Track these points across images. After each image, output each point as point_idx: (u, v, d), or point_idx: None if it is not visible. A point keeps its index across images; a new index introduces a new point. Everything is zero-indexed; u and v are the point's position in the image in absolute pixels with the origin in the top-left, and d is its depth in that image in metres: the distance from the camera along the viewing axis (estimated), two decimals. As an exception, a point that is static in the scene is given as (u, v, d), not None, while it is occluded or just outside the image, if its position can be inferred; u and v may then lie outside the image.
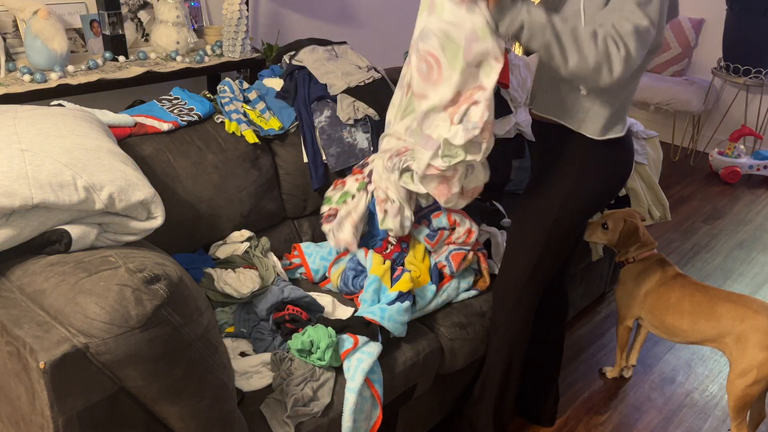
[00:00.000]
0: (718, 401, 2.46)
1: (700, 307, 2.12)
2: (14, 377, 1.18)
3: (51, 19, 2.29)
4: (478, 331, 2.00)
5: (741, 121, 4.66)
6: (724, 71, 4.33)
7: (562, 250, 1.85)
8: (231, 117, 2.10)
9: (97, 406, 1.17)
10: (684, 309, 2.15)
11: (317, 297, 1.93)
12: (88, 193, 1.31)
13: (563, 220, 1.77)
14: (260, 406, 1.58)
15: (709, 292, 2.14)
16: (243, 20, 2.72)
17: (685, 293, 2.16)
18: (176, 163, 1.93)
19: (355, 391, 1.63)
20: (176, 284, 1.21)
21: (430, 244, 2.05)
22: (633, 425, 2.33)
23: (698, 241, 3.63)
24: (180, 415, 1.29)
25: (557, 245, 1.83)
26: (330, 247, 2.12)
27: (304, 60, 2.35)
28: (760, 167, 4.40)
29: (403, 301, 1.84)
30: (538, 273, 1.87)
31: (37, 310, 1.19)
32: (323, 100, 2.25)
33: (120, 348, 1.13)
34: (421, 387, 1.93)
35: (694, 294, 2.15)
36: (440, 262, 2.04)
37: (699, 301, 2.13)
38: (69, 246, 1.29)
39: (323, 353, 1.64)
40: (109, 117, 1.85)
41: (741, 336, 2.00)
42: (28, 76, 2.27)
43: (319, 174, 2.22)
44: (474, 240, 2.07)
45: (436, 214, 2.09)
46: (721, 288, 2.88)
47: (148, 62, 2.61)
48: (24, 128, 1.39)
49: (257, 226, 2.14)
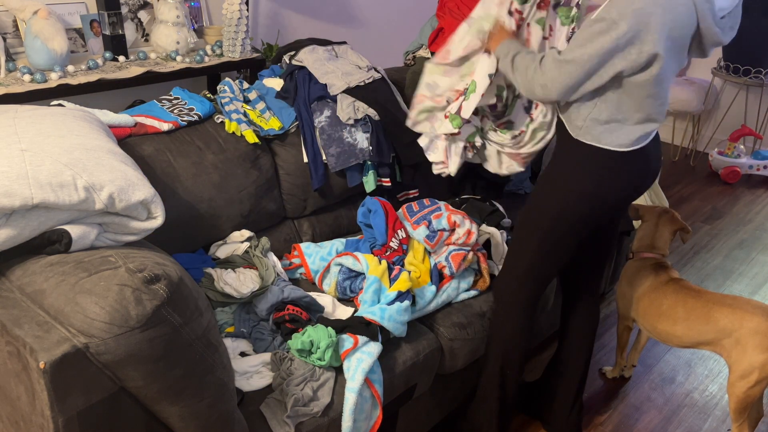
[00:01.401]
0: (718, 401, 2.46)
1: (694, 313, 2.09)
2: (14, 377, 1.18)
3: (51, 19, 2.29)
4: (478, 331, 2.00)
5: (741, 121, 4.66)
6: (723, 71, 4.33)
7: (560, 251, 1.85)
8: (231, 117, 2.10)
9: (97, 406, 1.18)
10: (678, 316, 2.12)
11: (317, 297, 1.93)
12: (88, 193, 1.31)
13: (561, 220, 1.77)
14: (260, 406, 1.58)
15: (703, 297, 2.10)
16: (243, 20, 2.72)
17: (678, 299, 2.13)
18: (176, 163, 1.93)
19: (355, 391, 1.63)
20: (176, 284, 1.21)
21: (429, 245, 2.05)
22: (633, 425, 2.33)
23: (698, 241, 3.63)
24: (180, 415, 1.29)
25: (554, 245, 1.83)
26: (330, 247, 2.12)
27: (304, 60, 2.35)
28: (760, 167, 4.40)
29: (402, 301, 1.84)
30: (536, 271, 1.87)
31: (37, 310, 1.19)
32: (323, 100, 2.25)
33: (120, 348, 1.13)
34: (421, 387, 1.93)
35: (687, 300, 2.12)
36: (440, 262, 2.04)
37: (693, 307, 2.10)
38: (69, 246, 1.29)
39: (323, 353, 1.64)
40: (109, 117, 1.85)
41: (740, 339, 2.00)
42: (28, 76, 2.27)
43: (319, 174, 2.22)
44: (474, 241, 2.07)
45: (436, 215, 2.09)
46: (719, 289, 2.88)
47: (148, 62, 2.61)
48: (24, 128, 1.39)
49: (257, 226, 2.14)
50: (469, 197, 2.54)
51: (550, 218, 1.78)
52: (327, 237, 2.32)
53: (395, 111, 2.31)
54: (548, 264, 1.87)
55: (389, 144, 2.33)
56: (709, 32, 1.59)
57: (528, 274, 1.88)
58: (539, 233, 1.81)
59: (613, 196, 1.75)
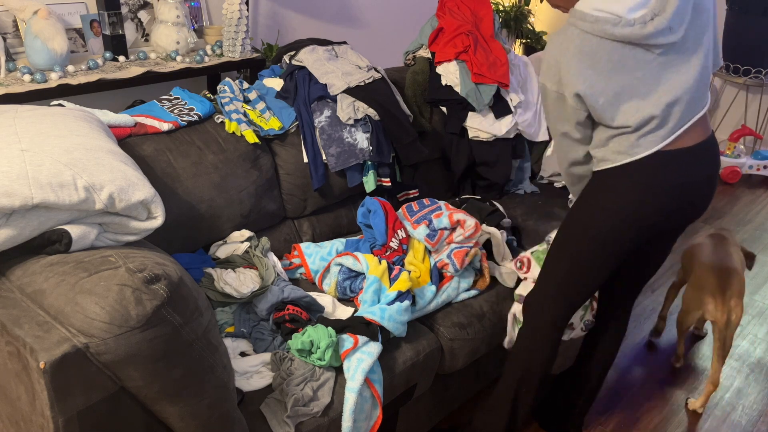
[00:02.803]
0: (718, 401, 2.46)
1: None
2: (14, 377, 1.18)
3: (51, 19, 2.29)
4: (478, 331, 2.00)
5: (741, 121, 4.66)
6: (724, 71, 4.33)
7: (594, 268, 1.78)
8: (231, 117, 2.10)
9: (97, 406, 1.18)
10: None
11: (317, 297, 1.93)
12: (88, 193, 1.31)
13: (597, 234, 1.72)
14: (260, 406, 1.58)
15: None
16: (243, 20, 2.72)
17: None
18: (176, 163, 1.93)
19: (355, 391, 1.63)
20: (176, 284, 1.21)
21: (430, 244, 2.05)
22: (633, 425, 2.33)
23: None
24: (180, 415, 1.29)
25: (589, 261, 1.77)
26: (330, 247, 2.13)
27: (304, 60, 2.35)
28: (760, 167, 4.40)
29: (402, 301, 1.84)
30: (567, 287, 1.81)
31: (37, 310, 1.19)
32: (323, 100, 2.25)
33: (120, 348, 1.13)
34: (421, 387, 1.93)
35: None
36: (442, 260, 2.04)
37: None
38: (69, 246, 1.29)
39: (323, 353, 1.64)
40: (109, 117, 1.85)
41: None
42: (28, 76, 2.27)
43: (319, 174, 2.22)
44: (480, 235, 2.08)
45: (437, 215, 2.09)
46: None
47: (148, 62, 2.61)
48: (24, 128, 1.39)
49: (257, 226, 2.14)
50: (469, 197, 2.54)
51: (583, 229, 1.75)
52: (327, 237, 2.32)
53: (395, 111, 2.31)
54: (582, 281, 1.81)
55: (389, 144, 2.33)
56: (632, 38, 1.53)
57: (559, 289, 1.83)
58: (574, 246, 1.77)
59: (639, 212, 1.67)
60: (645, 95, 1.59)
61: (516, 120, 2.61)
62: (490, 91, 2.54)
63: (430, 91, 2.58)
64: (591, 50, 1.55)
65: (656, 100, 1.59)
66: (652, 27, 1.53)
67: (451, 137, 2.59)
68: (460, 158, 2.60)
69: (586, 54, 1.55)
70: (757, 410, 2.42)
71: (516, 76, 2.72)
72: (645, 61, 1.57)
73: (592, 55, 1.55)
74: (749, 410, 2.42)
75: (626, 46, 1.55)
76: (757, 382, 2.57)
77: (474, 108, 2.55)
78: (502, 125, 2.58)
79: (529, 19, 5.11)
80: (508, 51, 2.74)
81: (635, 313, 2.96)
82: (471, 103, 2.52)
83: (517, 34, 5.11)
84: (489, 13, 2.76)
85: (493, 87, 2.55)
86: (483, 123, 2.56)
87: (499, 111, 2.58)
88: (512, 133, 2.62)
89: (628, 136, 1.63)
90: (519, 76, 2.74)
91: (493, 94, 2.55)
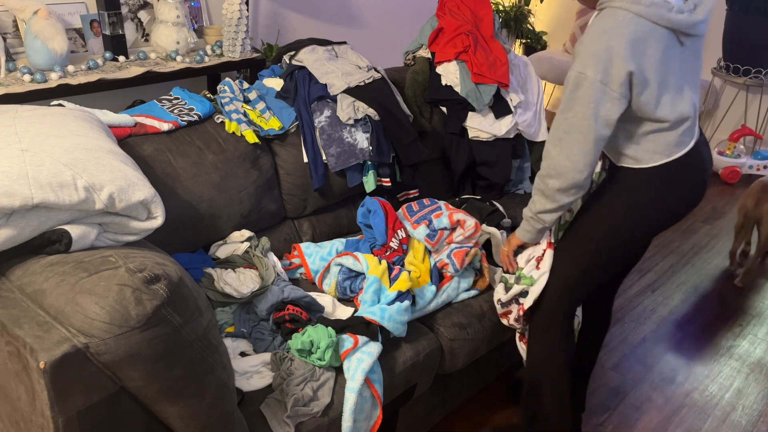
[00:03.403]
0: (718, 401, 2.46)
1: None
2: (14, 377, 1.18)
3: (51, 19, 2.29)
4: (478, 331, 2.00)
5: (741, 121, 4.66)
6: (723, 71, 4.33)
7: (611, 264, 1.79)
8: (231, 117, 2.10)
9: (97, 406, 1.18)
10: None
11: (317, 297, 1.93)
12: (88, 193, 1.31)
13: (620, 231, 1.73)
14: (260, 406, 1.58)
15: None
16: (243, 20, 2.72)
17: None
18: (176, 163, 1.93)
19: (355, 391, 1.63)
20: (176, 284, 1.21)
21: (430, 244, 2.05)
22: (633, 425, 2.33)
23: (698, 241, 3.63)
24: (180, 415, 1.29)
25: (607, 257, 1.78)
26: (330, 247, 2.13)
27: (304, 60, 2.35)
28: (760, 167, 4.40)
29: (402, 301, 1.84)
30: (583, 282, 1.82)
31: (37, 310, 1.19)
32: (323, 100, 2.25)
33: (120, 348, 1.13)
34: (421, 387, 1.93)
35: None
36: (442, 260, 2.04)
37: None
38: (69, 246, 1.29)
39: (323, 353, 1.64)
40: (109, 117, 1.85)
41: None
42: (28, 76, 2.27)
43: (319, 174, 2.22)
44: (480, 234, 2.08)
45: (437, 215, 2.09)
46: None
47: (148, 62, 2.61)
48: (24, 128, 1.39)
49: (257, 226, 2.14)
50: (469, 197, 2.54)
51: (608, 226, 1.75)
52: (327, 237, 2.32)
53: (395, 111, 2.31)
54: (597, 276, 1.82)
55: (389, 144, 2.33)
56: (682, 25, 1.55)
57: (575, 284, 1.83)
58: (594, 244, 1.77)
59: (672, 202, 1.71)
60: (678, 90, 1.61)
61: (516, 120, 2.61)
62: (490, 91, 2.55)
63: (430, 91, 2.58)
64: (645, 35, 1.52)
65: (687, 97, 1.62)
66: (700, 15, 1.54)
67: (451, 137, 2.59)
68: (460, 158, 2.60)
69: (640, 39, 1.52)
70: (757, 410, 2.42)
71: (516, 76, 2.72)
72: (678, 53, 1.59)
73: (645, 40, 1.53)
74: (749, 410, 2.42)
75: (671, 34, 1.55)
76: (757, 382, 2.57)
77: (474, 108, 2.55)
78: (502, 125, 2.58)
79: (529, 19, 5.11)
80: (508, 51, 2.74)
81: (635, 313, 2.96)
82: (471, 103, 2.52)
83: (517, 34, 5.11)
84: (489, 13, 2.76)
85: (493, 87, 2.55)
86: (483, 123, 2.56)
87: (499, 111, 2.58)
88: (512, 133, 2.62)
89: (665, 134, 1.64)
90: (519, 76, 2.74)
91: (493, 94, 2.55)
